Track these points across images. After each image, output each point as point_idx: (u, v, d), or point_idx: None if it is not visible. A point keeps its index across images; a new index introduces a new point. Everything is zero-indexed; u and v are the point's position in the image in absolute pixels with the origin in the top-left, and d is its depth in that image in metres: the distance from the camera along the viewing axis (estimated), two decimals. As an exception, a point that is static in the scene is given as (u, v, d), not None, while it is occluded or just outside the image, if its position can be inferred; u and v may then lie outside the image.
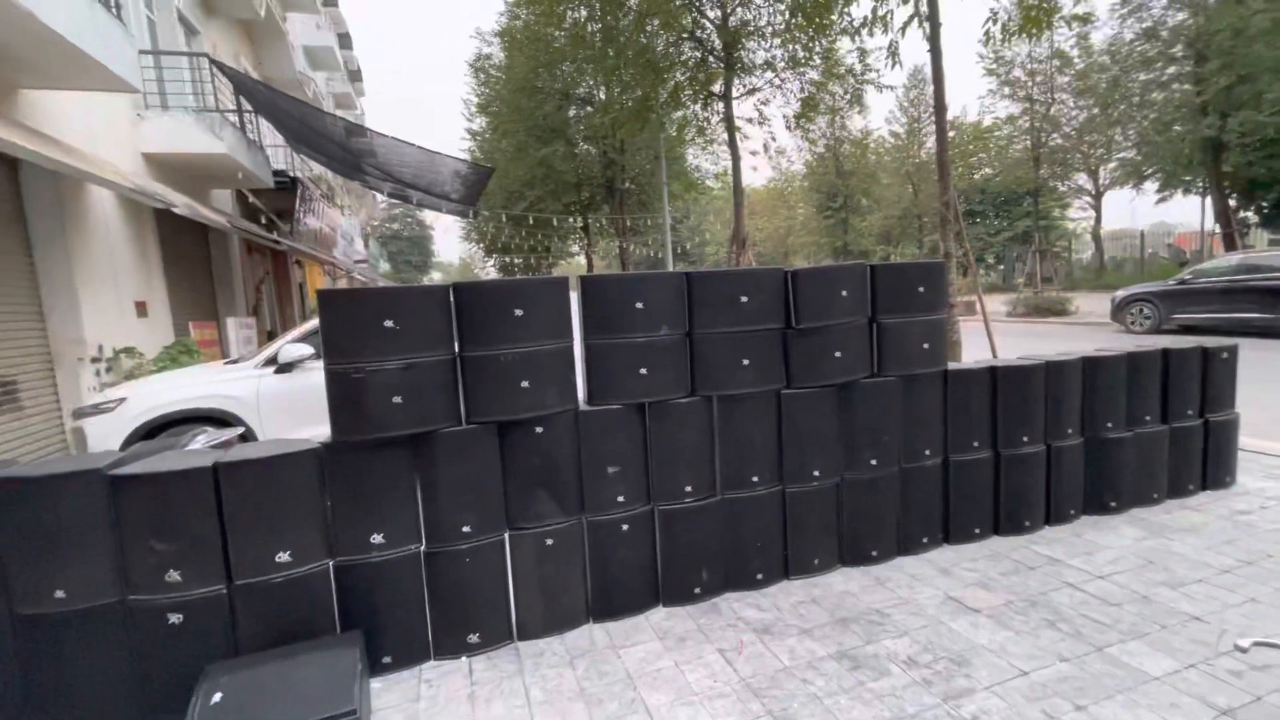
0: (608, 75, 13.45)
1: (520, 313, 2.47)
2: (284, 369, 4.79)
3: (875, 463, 3.04)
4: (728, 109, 12.15)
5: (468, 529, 2.47)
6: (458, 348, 2.48)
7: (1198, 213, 22.72)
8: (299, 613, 2.27)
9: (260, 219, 10.97)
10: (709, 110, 13.07)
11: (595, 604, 2.70)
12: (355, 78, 29.03)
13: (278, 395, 4.77)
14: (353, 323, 2.30)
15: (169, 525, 2.13)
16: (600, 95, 18.58)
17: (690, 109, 13.02)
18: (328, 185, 16.40)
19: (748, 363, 2.79)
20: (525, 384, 2.48)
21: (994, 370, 3.26)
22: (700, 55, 12.23)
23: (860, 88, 12.84)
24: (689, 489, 2.79)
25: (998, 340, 7.15)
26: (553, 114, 19.70)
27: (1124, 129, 22.03)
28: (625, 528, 2.70)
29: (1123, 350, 3.56)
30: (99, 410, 4.56)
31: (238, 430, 4.22)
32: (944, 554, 3.16)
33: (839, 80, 12.59)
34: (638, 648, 2.48)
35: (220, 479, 2.17)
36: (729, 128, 12.18)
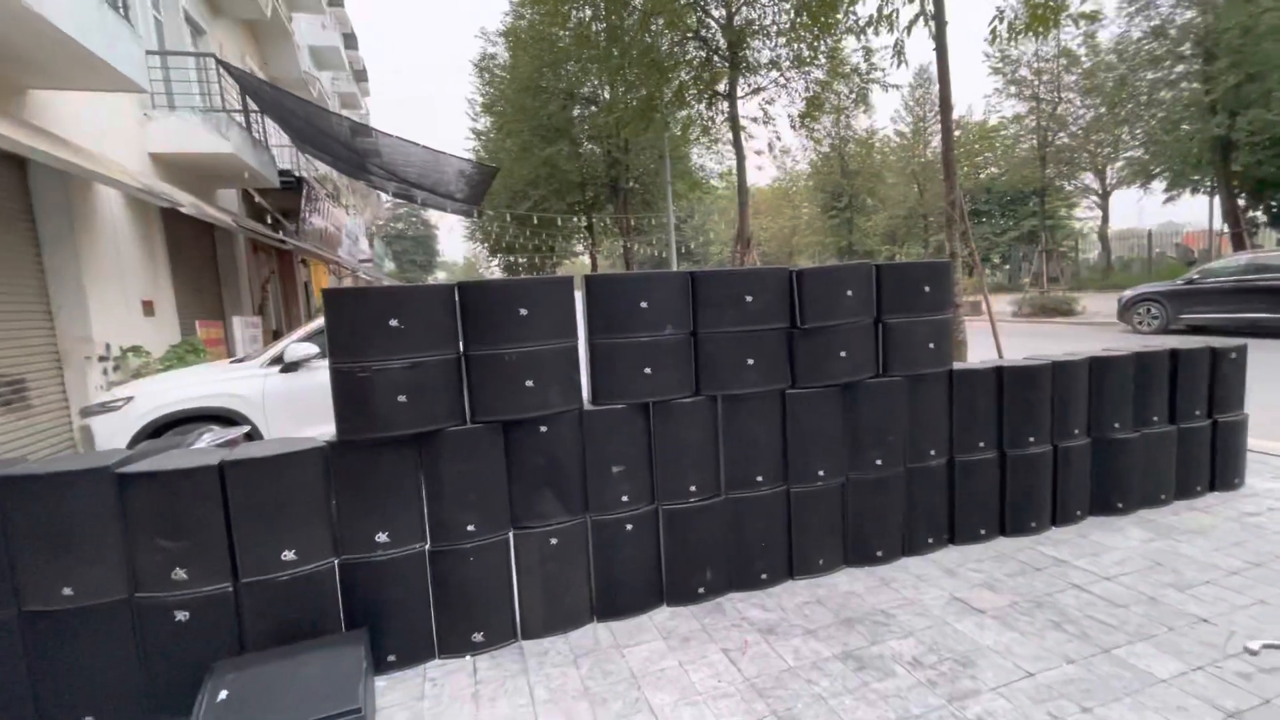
0: (612, 75, 13.45)
1: (525, 312, 2.47)
2: (289, 368, 4.81)
3: (880, 463, 3.03)
4: (732, 108, 12.13)
5: (472, 528, 2.48)
6: (462, 347, 2.48)
7: (1206, 212, 22.47)
8: (304, 611, 2.28)
9: (266, 218, 11.01)
10: (714, 109, 13.05)
11: (599, 603, 2.70)
12: (360, 78, 29.13)
13: (283, 394, 4.79)
14: (358, 322, 2.31)
15: (175, 523, 2.14)
16: (605, 95, 18.58)
17: (695, 108, 13.02)
18: (333, 185, 16.45)
19: (752, 362, 2.79)
20: (530, 383, 2.49)
21: (1000, 370, 3.24)
22: (705, 54, 12.22)
23: (865, 87, 12.83)
24: (693, 489, 2.79)
25: (1003, 340, 7.12)
26: (557, 113, 19.71)
27: (1131, 128, 21.90)
28: (629, 527, 2.70)
29: (1130, 350, 3.54)
30: (106, 409, 4.59)
31: (243, 429, 4.24)
32: (949, 554, 3.15)
33: (844, 79, 12.57)
34: (642, 647, 2.48)
35: (226, 477, 2.18)
36: (734, 127, 12.16)
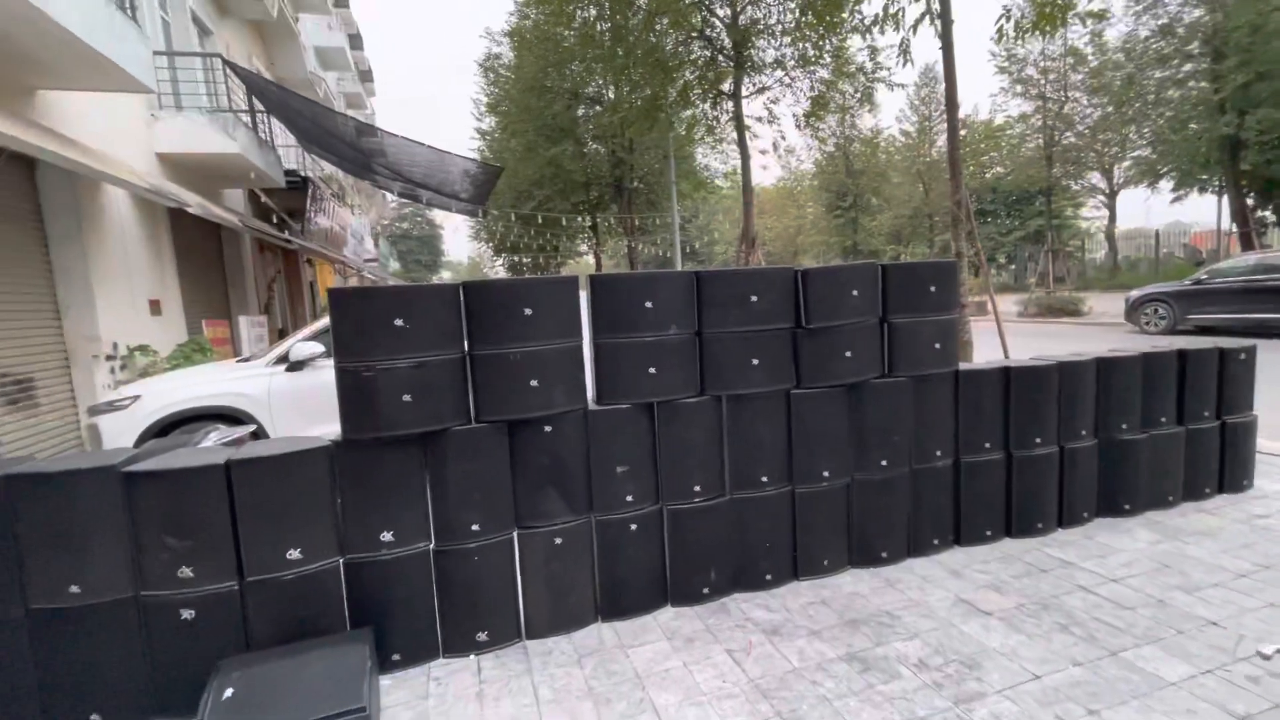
0: (617, 74, 13.44)
1: (530, 312, 2.47)
2: (295, 367, 4.83)
3: (886, 463, 3.02)
4: (737, 108, 12.11)
5: (476, 527, 2.48)
6: (467, 347, 2.48)
7: (1214, 212, 22.36)
8: (309, 610, 2.28)
9: (272, 218, 11.06)
10: (718, 109, 13.03)
11: (603, 603, 2.70)
12: (365, 78, 29.22)
13: (289, 393, 4.81)
14: (363, 321, 2.31)
15: (182, 522, 2.15)
16: (609, 94, 18.58)
17: (699, 108, 12.99)
18: (338, 185, 16.50)
19: (757, 362, 2.78)
20: (534, 383, 2.49)
21: (1006, 371, 3.23)
22: (710, 54, 12.20)
23: (871, 86, 12.77)
24: (698, 489, 2.78)
25: (1009, 340, 7.09)
26: (562, 113, 19.72)
27: (1139, 127, 21.76)
28: (634, 527, 2.70)
29: (1138, 351, 3.51)
30: (113, 407, 4.62)
31: (249, 428, 4.26)
32: (955, 556, 3.13)
33: (849, 79, 12.52)
34: (646, 647, 2.48)
35: (232, 476, 2.19)
36: (738, 127, 12.14)
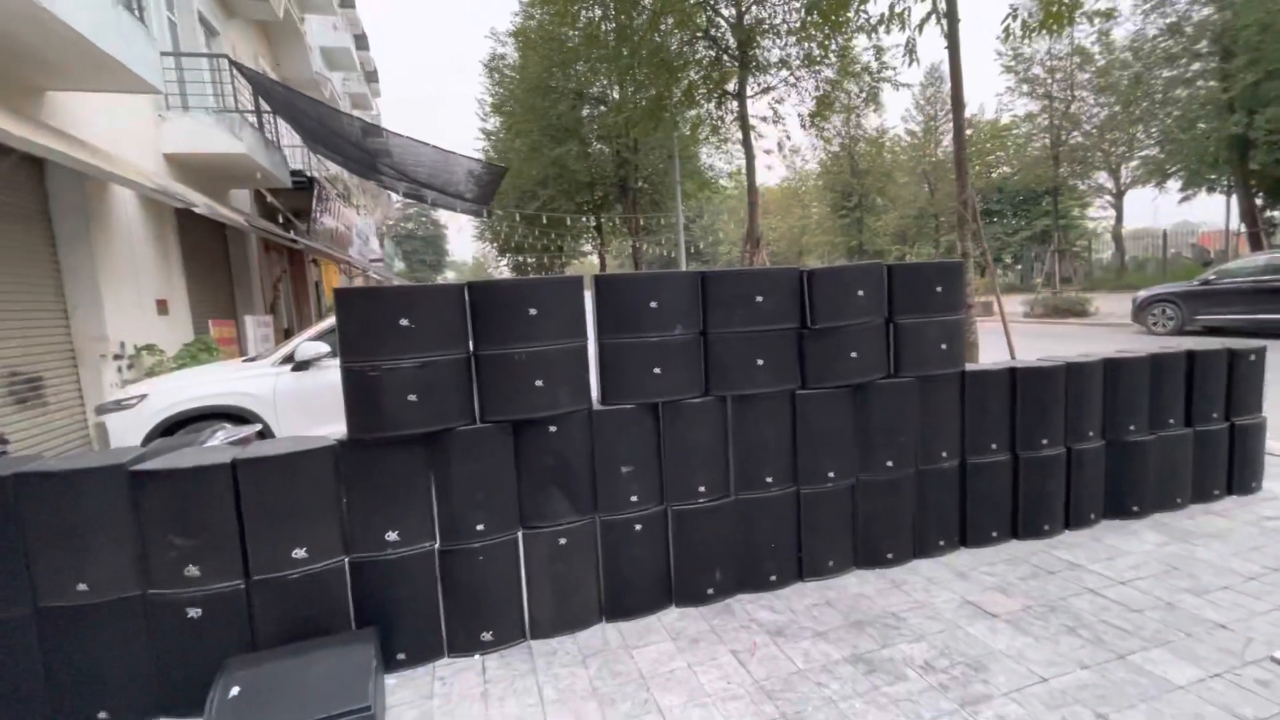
0: (621, 74, 13.45)
1: (535, 312, 2.47)
2: (300, 367, 4.85)
3: (891, 464, 3.01)
4: (742, 108, 12.09)
5: (481, 527, 2.48)
6: (472, 347, 2.48)
7: (1222, 212, 22.15)
8: (315, 609, 2.29)
9: (278, 218, 11.10)
10: (723, 109, 13.02)
11: (608, 603, 2.70)
12: (371, 78, 29.28)
13: (294, 393, 4.83)
14: (369, 321, 2.32)
15: (189, 521, 2.16)
16: (614, 94, 18.59)
17: (704, 108, 12.99)
18: (344, 185, 16.56)
19: (762, 363, 2.78)
20: (539, 383, 2.49)
21: (1013, 371, 3.21)
22: (715, 54, 12.19)
23: (876, 86, 12.74)
24: (702, 489, 2.78)
25: (1016, 341, 7.06)
26: (566, 113, 19.75)
27: (1146, 126, 21.63)
28: (638, 527, 2.70)
29: (1146, 352, 3.49)
30: (121, 406, 4.64)
31: (255, 427, 4.28)
32: (961, 557, 3.12)
33: (855, 78, 12.49)
34: (650, 648, 2.47)
35: (239, 476, 2.20)
36: (743, 126, 12.12)
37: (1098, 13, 7.87)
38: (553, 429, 2.56)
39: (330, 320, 5.04)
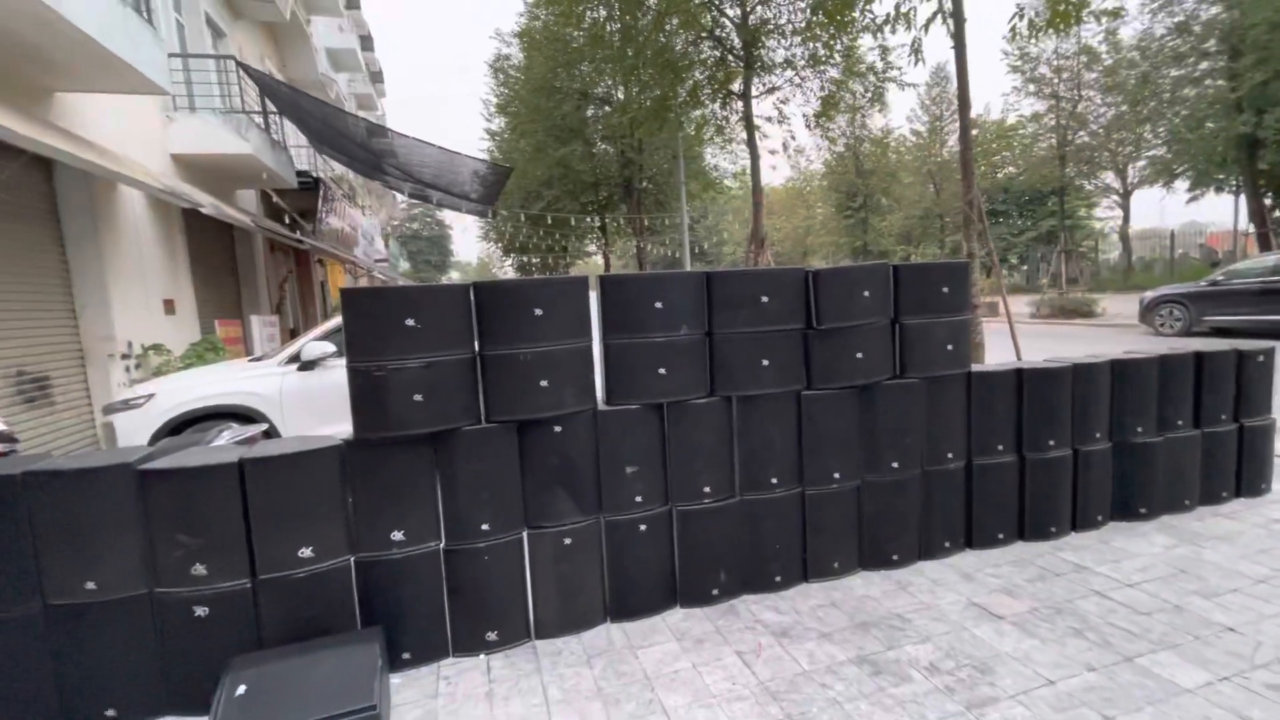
0: (626, 75, 13.44)
1: (540, 312, 2.47)
2: (306, 366, 4.86)
3: (897, 465, 3.00)
4: (747, 108, 12.07)
5: (486, 527, 2.48)
6: (478, 347, 2.49)
7: (1231, 212, 22.03)
8: (320, 608, 2.30)
9: (284, 218, 11.15)
10: (728, 109, 13.01)
11: (612, 604, 2.70)
12: (376, 79, 29.37)
13: (300, 392, 4.84)
14: (375, 321, 2.32)
15: (196, 520, 2.17)
16: (619, 95, 18.59)
17: (709, 108, 12.97)
18: (349, 185, 16.61)
19: (768, 363, 2.77)
20: (544, 383, 2.49)
21: (1019, 372, 3.20)
22: (719, 54, 12.18)
23: (881, 86, 12.70)
24: (707, 490, 2.78)
25: (1022, 342, 7.03)
26: (571, 114, 19.74)
27: (1154, 126, 21.48)
28: (643, 528, 2.70)
29: (1153, 353, 3.47)
30: (128, 406, 4.67)
31: (261, 427, 4.29)
32: (966, 559, 3.11)
33: (860, 78, 12.46)
34: (655, 648, 2.47)
35: (245, 475, 2.21)
36: (748, 127, 12.10)
37: (1105, 12, 7.81)
38: (558, 429, 2.56)
39: (336, 320, 5.06)
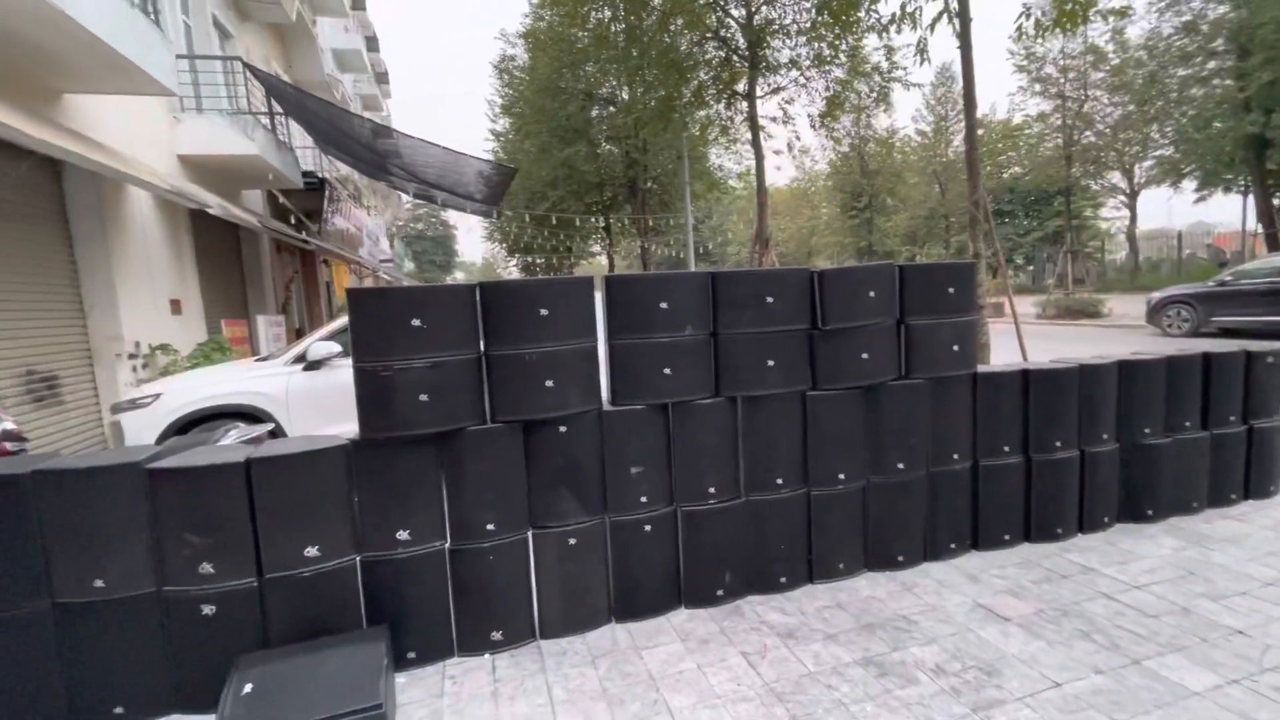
0: (631, 75, 13.45)
1: (545, 312, 2.48)
2: (312, 366, 4.88)
3: (902, 466, 2.99)
4: (751, 108, 12.07)
5: (492, 527, 2.49)
6: (483, 347, 2.49)
7: (1239, 212, 21.85)
8: (326, 607, 2.31)
9: (289, 219, 11.19)
10: (732, 109, 13.01)
11: (617, 604, 2.70)
12: (381, 79, 29.48)
13: (306, 392, 4.86)
14: (381, 322, 2.33)
15: (203, 519, 2.18)
16: (623, 95, 18.59)
17: (714, 108, 12.98)
18: (355, 186, 16.66)
19: (773, 364, 2.77)
20: (550, 383, 2.49)
21: (1026, 373, 3.18)
22: (724, 54, 12.18)
23: (887, 86, 12.68)
24: (712, 490, 2.77)
25: (1028, 343, 7.00)
26: (575, 114, 19.76)
27: (1161, 126, 21.38)
28: (648, 528, 2.70)
29: (1161, 354, 3.45)
30: (136, 405, 4.69)
31: (267, 426, 4.31)
32: (972, 560, 3.10)
33: (865, 78, 12.44)
34: (660, 649, 2.47)
35: (252, 474, 2.22)
36: (752, 127, 12.10)
37: (1112, 11, 7.78)
38: (563, 429, 2.56)
39: (341, 320, 5.08)
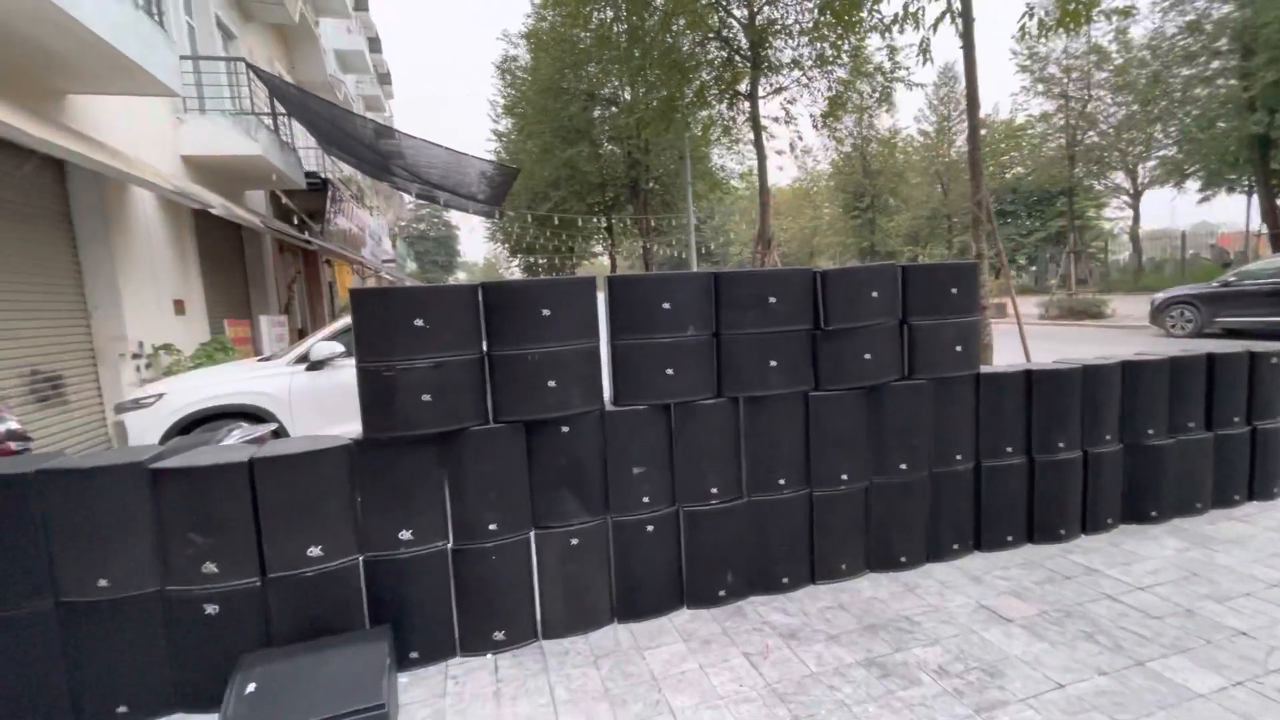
0: (633, 76, 13.45)
1: (548, 312, 2.48)
2: (315, 366, 4.89)
3: (905, 467, 2.99)
4: (754, 108, 12.06)
5: (494, 527, 2.49)
6: (486, 347, 2.49)
7: (1243, 212, 21.78)
8: (329, 606, 2.31)
9: (292, 219, 11.21)
10: (735, 110, 13.00)
11: (619, 604, 2.70)
12: (384, 80, 29.52)
13: (308, 392, 4.87)
14: (384, 322, 2.33)
15: (206, 518, 2.18)
16: (625, 96, 18.59)
17: (716, 109, 12.97)
18: (357, 186, 16.69)
19: (775, 364, 2.77)
20: (552, 383, 2.49)
21: (1029, 374, 3.18)
22: (726, 54, 12.16)
23: (889, 86, 12.65)
24: (714, 490, 2.77)
25: (1031, 343, 6.98)
26: (578, 115, 19.77)
27: (1165, 126, 21.31)
28: (650, 528, 2.70)
29: (1165, 354, 3.44)
30: (139, 405, 4.71)
31: (270, 426, 4.32)
32: (975, 561, 3.09)
33: (867, 78, 12.42)
34: (662, 649, 2.47)
35: (256, 474, 2.22)
36: (755, 127, 12.09)
37: (1116, 11, 7.77)
38: (565, 429, 2.56)
39: (344, 320, 5.08)
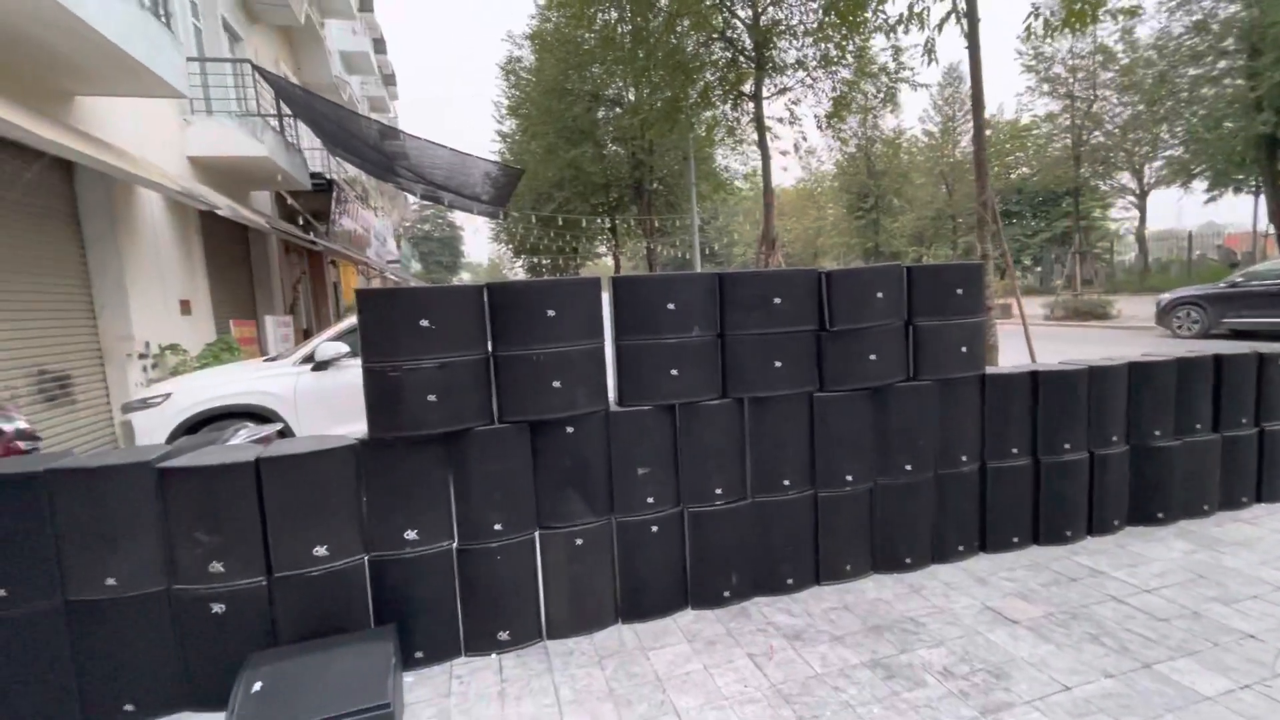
0: (637, 76, 13.47)
1: (553, 313, 2.48)
2: (320, 367, 4.90)
3: (910, 468, 2.98)
4: (758, 109, 12.05)
5: (499, 527, 2.50)
6: (491, 347, 2.50)
7: (1250, 212, 21.68)
8: (335, 606, 2.32)
9: (298, 220, 11.25)
10: (739, 110, 12.99)
11: (624, 605, 2.70)
12: (389, 81, 29.60)
13: (314, 392, 4.89)
14: (390, 322, 2.34)
15: (213, 518, 2.19)
16: (630, 96, 18.61)
17: (720, 109, 12.97)
18: (362, 187, 16.75)
19: (780, 364, 2.76)
20: (557, 384, 2.50)
21: (1034, 375, 3.17)
22: (731, 55, 12.16)
23: (894, 86, 12.63)
24: (719, 491, 2.77)
25: (1036, 344, 6.96)
26: (582, 115, 19.80)
27: (1171, 126, 21.19)
28: (655, 529, 2.70)
29: (1171, 355, 3.43)
30: (146, 405, 4.73)
31: (276, 426, 4.33)
32: (980, 563, 3.08)
33: (872, 79, 12.40)
34: (667, 650, 2.47)
35: (262, 474, 2.23)
36: (759, 128, 12.08)
37: (1122, 10, 7.71)
38: (570, 430, 2.57)
39: (349, 320, 5.10)
